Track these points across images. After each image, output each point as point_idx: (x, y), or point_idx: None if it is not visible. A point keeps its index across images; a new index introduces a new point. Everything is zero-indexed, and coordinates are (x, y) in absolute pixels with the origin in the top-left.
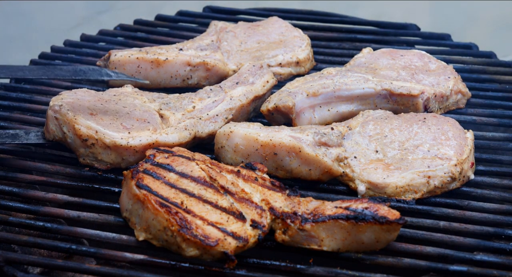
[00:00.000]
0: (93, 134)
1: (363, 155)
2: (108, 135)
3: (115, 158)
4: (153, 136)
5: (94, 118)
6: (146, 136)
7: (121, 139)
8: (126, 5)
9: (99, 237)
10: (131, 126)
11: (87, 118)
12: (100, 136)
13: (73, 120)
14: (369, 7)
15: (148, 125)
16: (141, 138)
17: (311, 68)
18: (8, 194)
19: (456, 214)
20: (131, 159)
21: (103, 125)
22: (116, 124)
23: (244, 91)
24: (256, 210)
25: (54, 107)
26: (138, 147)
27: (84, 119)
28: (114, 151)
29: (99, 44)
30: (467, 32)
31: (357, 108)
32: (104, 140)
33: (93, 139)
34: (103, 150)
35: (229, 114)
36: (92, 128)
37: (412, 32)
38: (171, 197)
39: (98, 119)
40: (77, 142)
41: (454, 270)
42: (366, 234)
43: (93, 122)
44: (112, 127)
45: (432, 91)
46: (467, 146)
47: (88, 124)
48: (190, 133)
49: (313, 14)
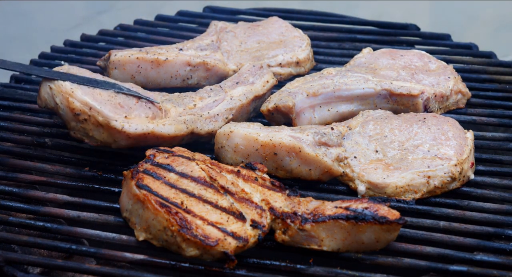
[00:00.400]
0: (86, 110)
1: (363, 155)
2: (102, 114)
3: (106, 137)
4: (150, 125)
5: (91, 93)
6: (142, 123)
7: (116, 122)
8: (126, 5)
9: (99, 237)
10: (129, 108)
11: (84, 91)
12: (94, 113)
13: (69, 93)
14: (369, 7)
15: (147, 111)
16: (137, 126)
17: (311, 68)
18: (8, 194)
19: (456, 214)
20: (123, 143)
21: (99, 101)
22: (114, 102)
23: (244, 91)
24: (256, 210)
25: (47, 83)
26: (132, 134)
27: (81, 93)
28: (107, 131)
29: (99, 44)
30: (467, 32)
31: (357, 108)
32: (98, 118)
33: (86, 115)
34: (95, 127)
35: (229, 114)
36: (88, 103)
37: (412, 32)
38: (171, 197)
39: (96, 94)
40: (69, 115)
41: (454, 270)
42: (366, 234)
43: (90, 97)
44: (109, 105)
45: (432, 91)
46: (467, 146)
47: (83, 99)
48: (188, 127)
49: (313, 14)
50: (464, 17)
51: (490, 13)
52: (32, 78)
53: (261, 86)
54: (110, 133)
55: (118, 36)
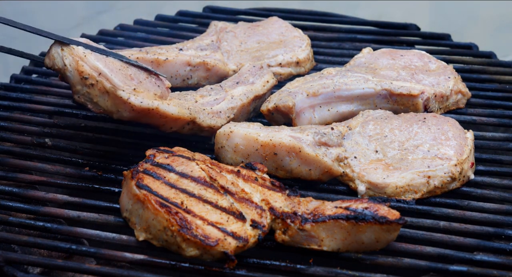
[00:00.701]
0: (95, 75)
1: (363, 155)
2: (111, 81)
3: (110, 106)
4: (155, 102)
5: (104, 59)
6: (148, 98)
7: (123, 92)
8: (126, 5)
9: (99, 237)
10: (139, 82)
11: (97, 57)
12: (103, 79)
13: (80, 56)
14: (369, 7)
15: (156, 89)
16: (143, 100)
17: (311, 68)
18: (8, 194)
19: (456, 214)
20: (125, 115)
21: (110, 69)
22: (125, 73)
23: (245, 90)
24: (256, 210)
25: (55, 49)
26: (137, 107)
27: (94, 58)
28: (112, 99)
29: (99, 44)
30: (467, 32)
31: (357, 108)
32: (105, 85)
33: (94, 80)
34: (101, 94)
35: (231, 113)
36: (99, 68)
37: (412, 32)
38: (171, 197)
39: (108, 61)
40: (77, 78)
41: (454, 270)
42: (366, 234)
43: (101, 63)
44: (119, 75)
45: (432, 91)
46: (467, 146)
47: (95, 65)
48: (191, 113)
49: (313, 14)
50: (464, 17)
51: (490, 13)
52: (32, 78)
53: (261, 86)
54: (115, 102)
55: (118, 36)
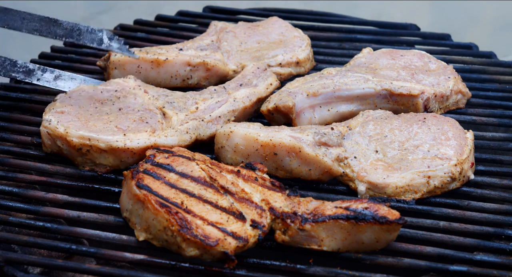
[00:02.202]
0: (86, 142)
1: (363, 155)
2: (102, 140)
3: (113, 160)
4: (151, 138)
5: (85, 126)
6: (144, 138)
7: (117, 142)
8: (126, 5)
9: (99, 237)
10: (126, 128)
11: (78, 127)
12: (94, 142)
13: (64, 134)
14: (369, 7)
15: (145, 126)
16: (139, 140)
17: (311, 68)
18: (8, 194)
19: (456, 214)
20: (130, 161)
21: (96, 131)
22: (110, 127)
23: (248, 93)
24: (256, 210)
25: (44, 123)
26: (136, 149)
27: (75, 130)
28: (112, 154)
29: None
30: (467, 32)
31: (357, 108)
32: (99, 145)
33: (87, 146)
34: (99, 154)
35: (232, 116)
36: (84, 136)
37: (412, 32)
38: (171, 197)
39: (90, 126)
40: (73, 152)
41: (454, 270)
42: (366, 234)
43: (85, 130)
44: (106, 131)
45: (432, 91)
46: (467, 146)
47: (79, 134)
48: (191, 136)
49: (313, 14)
50: (464, 17)
51: (490, 13)
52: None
53: (265, 89)
54: (115, 155)
55: (118, 36)
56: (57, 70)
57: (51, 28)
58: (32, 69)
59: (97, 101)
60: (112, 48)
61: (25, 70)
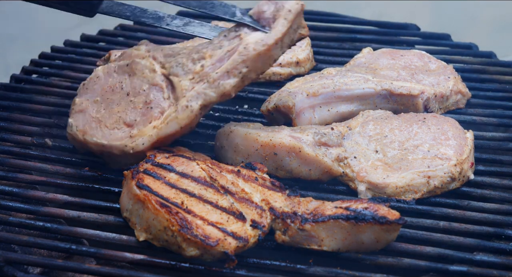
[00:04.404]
0: (102, 148)
1: (363, 155)
2: (114, 147)
3: (133, 159)
4: (154, 135)
5: (99, 128)
6: (147, 135)
7: (126, 147)
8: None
9: (99, 237)
10: (133, 121)
11: (93, 132)
12: (108, 149)
13: (84, 141)
14: (369, 7)
15: (150, 114)
16: (144, 141)
17: (311, 68)
18: (8, 194)
19: (456, 214)
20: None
21: (107, 136)
22: (120, 125)
23: (262, 36)
24: (256, 210)
25: (67, 128)
26: (145, 149)
27: (90, 137)
28: (127, 156)
29: (99, 44)
30: (467, 32)
31: (357, 108)
32: (114, 152)
33: (106, 152)
34: (120, 157)
35: (243, 67)
36: (99, 143)
37: (412, 32)
38: (171, 197)
39: (103, 127)
40: (99, 154)
41: (454, 270)
42: (366, 234)
43: (98, 136)
44: (116, 132)
45: (432, 91)
46: (467, 146)
47: (94, 141)
48: (193, 110)
49: (313, 14)
50: (464, 17)
51: (490, 13)
52: (32, 78)
53: (282, 26)
54: (131, 156)
55: (118, 36)
56: (187, 18)
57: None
58: (162, 16)
59: (109, 89)
60: (244, 21)
61: (154, 17)
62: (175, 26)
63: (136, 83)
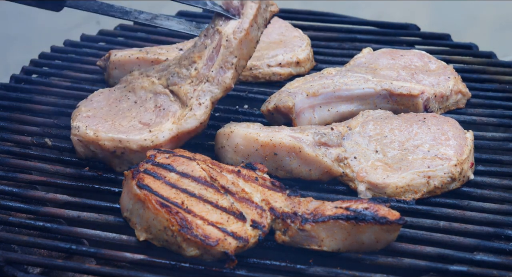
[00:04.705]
0: (118, 144)
1: (363, 155)
2: (132, 141)
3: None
4: (174, 129)
5: (113, 126)
6: (167, 129)
7: (145, 141)
8: (126, 5)
9: (99, 237)
10: (150, 121)
11: (107, 129)
12: (125, 144)
13: (95, 138)
14: (369, 7)
15: (166, 113)
16: (164, 134)
17: (311, 68)
18: (8, 194)
19: (456, 214)
20: None
21: (123, 132)
22: (135, 124)
23: (237, 23)
24: (256, 210)
25: (73, 131)
26: (164, 142)
27: (105, 133)
28: (145, 152)
29: (99, 44)
30: (467, 32)
31: (357, 108)
32: (131, 147)
33: (121, 149)
34: (134, 154)
35: (233, 58)
36: (115, 139)
37: (412, 32)
38: (171, 197)
39: (117, 126)
40: (108, 155)
41: (454, 270)
42: (366, 234)
43: (114, 132)
44: (133, 129)
45: (432, 91)
46: (467, 146)
47: (110, 137)
48: (207, 106)
49: (313, 14)
50: (464, 17)
51: (490, 13)
52: (32, 78)
53: (251, 9)
54: (144, 153)
55: (118, 36)
56: (154, 13)
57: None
58: (129, 11)
59: (115, 100)
60: (216, 9)
61: (122, 11)
62: (143, 20)
63: (140, 94)
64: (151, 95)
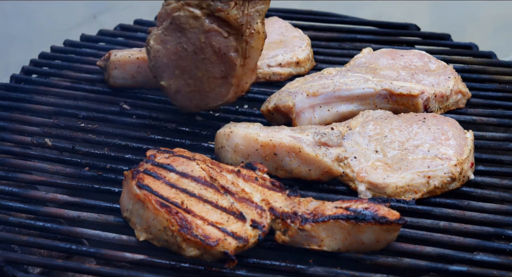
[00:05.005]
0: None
1: (363, 155)
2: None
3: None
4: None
5: (200, 96)
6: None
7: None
8: (126, 5)
9: (99, 237)
10: (222, 72)
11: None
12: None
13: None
14: (369, 7)
15: (231, 59)
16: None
17: (311, 68)
18: (8, 194)
19: (456, 214)
20: None
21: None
22: (216, 80)
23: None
24: (256, 210)
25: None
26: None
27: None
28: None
29: (99, 44)
30: (467, 32)
31: (357, 108)
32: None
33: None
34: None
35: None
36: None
37: (412, 32)
38: (171, 197)
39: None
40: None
41: (454, 270)
42: (366, 234)
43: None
44: (216, 80)
45: (432, 91)
46: (467, 146)
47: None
48: (259, 31)
49: (313, 14)
50: (464, 17)
51: (490, 13)
52: (32, 78)
53: None
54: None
55: (118, 36)
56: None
57: None
58: None
59: (176, 57)
60: None
61: None
62: None
63: (192, 38)
64: (202, 37)
